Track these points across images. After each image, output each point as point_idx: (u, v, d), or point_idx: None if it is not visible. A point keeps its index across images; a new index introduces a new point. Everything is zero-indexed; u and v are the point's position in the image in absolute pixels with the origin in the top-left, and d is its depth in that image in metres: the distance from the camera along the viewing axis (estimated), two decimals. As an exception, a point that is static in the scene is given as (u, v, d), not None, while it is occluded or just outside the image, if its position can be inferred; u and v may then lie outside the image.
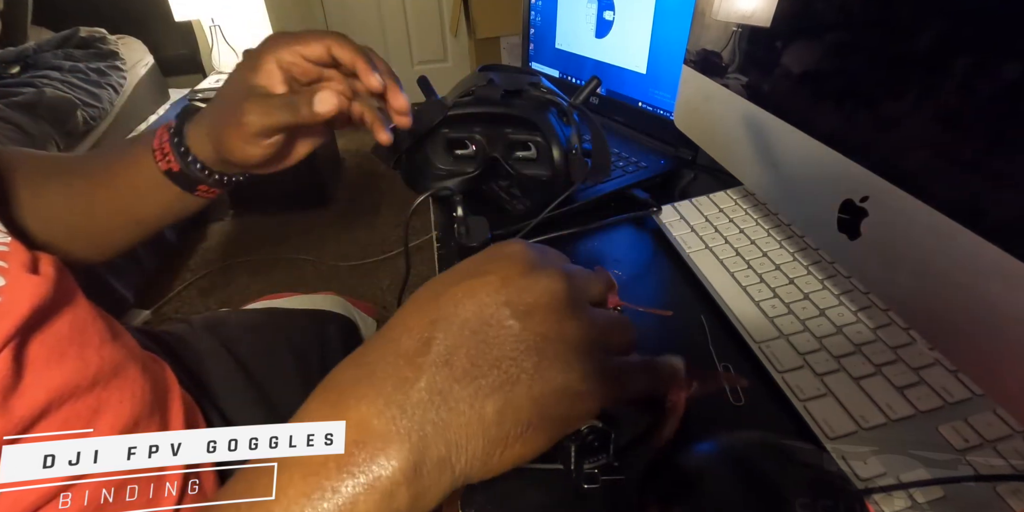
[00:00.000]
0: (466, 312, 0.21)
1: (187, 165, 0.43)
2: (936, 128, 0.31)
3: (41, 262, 0.34)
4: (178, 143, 0.43)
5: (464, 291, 0.22)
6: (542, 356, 0.21)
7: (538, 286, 0.22)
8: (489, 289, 0.21)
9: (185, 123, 0.43)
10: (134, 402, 0.36)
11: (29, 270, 0.33)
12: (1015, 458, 0.31)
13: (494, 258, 0.23)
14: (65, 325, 0.34)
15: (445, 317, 0.21)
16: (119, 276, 1.46)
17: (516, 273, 0.22)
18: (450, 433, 0.20)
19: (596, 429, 0.33)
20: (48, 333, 0.33)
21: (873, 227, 0.35)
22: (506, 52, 2.27)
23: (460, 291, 0.22)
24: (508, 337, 0.21)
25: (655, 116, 0.69)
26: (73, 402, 0.33)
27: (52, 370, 0.32)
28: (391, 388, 0.20)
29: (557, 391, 0.21)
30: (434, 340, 0.21)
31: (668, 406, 0.34)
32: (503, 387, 0.20)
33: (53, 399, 0.32)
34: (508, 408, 0.20)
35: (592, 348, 0.22)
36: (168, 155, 0.43)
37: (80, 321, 0.35)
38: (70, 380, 0.33)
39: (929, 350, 0.37)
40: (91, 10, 2.15)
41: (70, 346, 0.33)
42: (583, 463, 0.33)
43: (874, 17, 0.35)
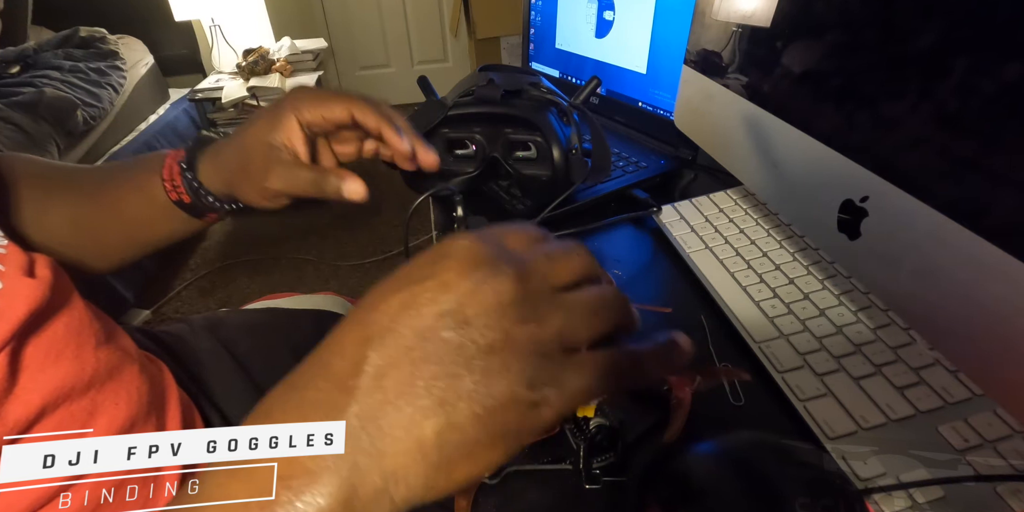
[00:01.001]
0: (401, 326, 0.19)
1: (199, 198, 0.44)
2: (936, 128, 0.31)
3: (37, 264, 0.34)
4: (191, 178, 0.43)
5: (400, 302, 0.20)
6: (485, 369, 0.19)
7: (482, 290, 0.19)
8: (426, 298, 0.19)
9: (196, 157, 0.43)
10: (130, 404, 0.36)
11: (25, 273, 0.33)
12: (1015, 458, 0.31)
13: (437, 259, 0.20)
14: (61, 327, 0.34)
15: (379, 334, 0.19)
16: (119, 276, 1.47)
17: (457, 276, 0.19)
18: (386, 462, 0.18)
19: (604, 427, 0.33)
20: (44, 336, 0.32)
21: (873, 227, 0.35)
22: (506, 52, 2.27)
23: (396, 302, 0.20)
24: (446, 352, 0.19)
25: (655, 116, 0.69)
26: (68, 405, 0.33)
27: (48, 373, 0.32)
28: (317, 416, 0.19)
29: (504, 405, 0.19)
30: (366, 360, 0.19)
31: (673, 403, 0.34)
32: (442, 408, 0.18)
33: (48, 402, 0.32)
34: (449, 430, 0.18)
35: (548, 350, 0.20)
36: (179, 187, 0.43)
37: (76, 323, 0.35)
38: (66, 383, 0.33)
39: (929, 350, 0.37)
40: (91, 10, 2.15)
41: (66, 348, 0.33)
42: (592, 462, 0.33)
43: (874, 17, 0.35)
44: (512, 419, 0.19)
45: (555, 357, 0.20)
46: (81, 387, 0.33)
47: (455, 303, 0.19)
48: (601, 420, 0.34)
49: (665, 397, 0.35)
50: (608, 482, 0.33)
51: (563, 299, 0.21)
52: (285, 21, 2.35)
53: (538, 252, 0.22)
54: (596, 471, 0.33)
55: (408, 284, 0.20)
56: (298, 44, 2.09)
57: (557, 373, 0.20)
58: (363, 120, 0.41)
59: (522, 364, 0.19)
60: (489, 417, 0.19)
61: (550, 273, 0.21)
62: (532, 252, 0.22)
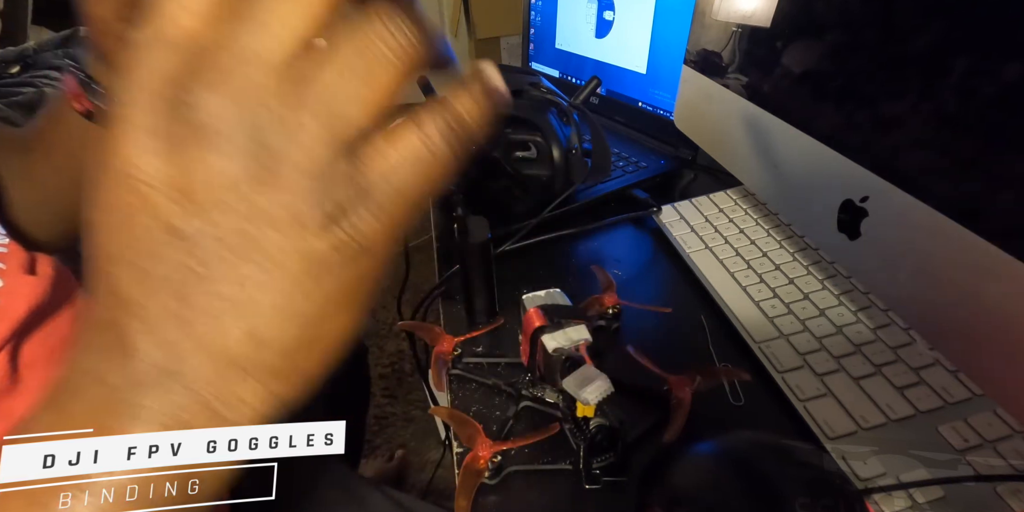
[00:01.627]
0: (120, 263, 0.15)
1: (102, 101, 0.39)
2: (936, 128, 0.31)
3: (39, 263, 0.34)
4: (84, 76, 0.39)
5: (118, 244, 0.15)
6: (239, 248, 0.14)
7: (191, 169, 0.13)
8: (141, 223, 0.14)
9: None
10: None
11: (27, 271, 0.33)
12: (1015, 458, 0.31)
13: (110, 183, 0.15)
14: (65, 325, 0.34)
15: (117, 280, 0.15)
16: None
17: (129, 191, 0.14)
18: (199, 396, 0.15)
19: (604, 427, 0.33)
20: (47, 333, 0.33)
21: (873, 227, 0.35)
22: (506, 52, 2.27)
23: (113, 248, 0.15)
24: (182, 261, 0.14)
25: (655, 116, 0.69)
26: None
27: (52, 370, 0.32)
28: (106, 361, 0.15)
29: (307, 260, 0.14)
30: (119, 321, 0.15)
31: (673, 403, 0.34)
32: (222, 320, 0.14)
33: None
34: (256, 335, 0.15)
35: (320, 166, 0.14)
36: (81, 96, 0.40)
37: None
38: None
39: (929, 350, 0.37)
40: (91, 10, 2.15)
41: None
42: (592, 462, 0.33)
43: (874, 17, 0.35)
44: (327, 276, 0.15)
45: (336, 168, 0.14)
46: None
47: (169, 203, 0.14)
48: (601, 420, 0.34)
49: (665, 397, 0.35)
50: (608, 482, 0.33)
51: (300, 91, 0.13)
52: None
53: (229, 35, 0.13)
54: (596, 471, 0.33)
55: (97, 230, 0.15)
56: (298, 44, 2.09)
57: (351, 189, 0.14)
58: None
59: (294, 200, 0.14)
60: (299, 284, 0.14)
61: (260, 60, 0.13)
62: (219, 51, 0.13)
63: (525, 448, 0.35)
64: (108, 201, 0.14)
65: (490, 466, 0.33)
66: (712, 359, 0.41)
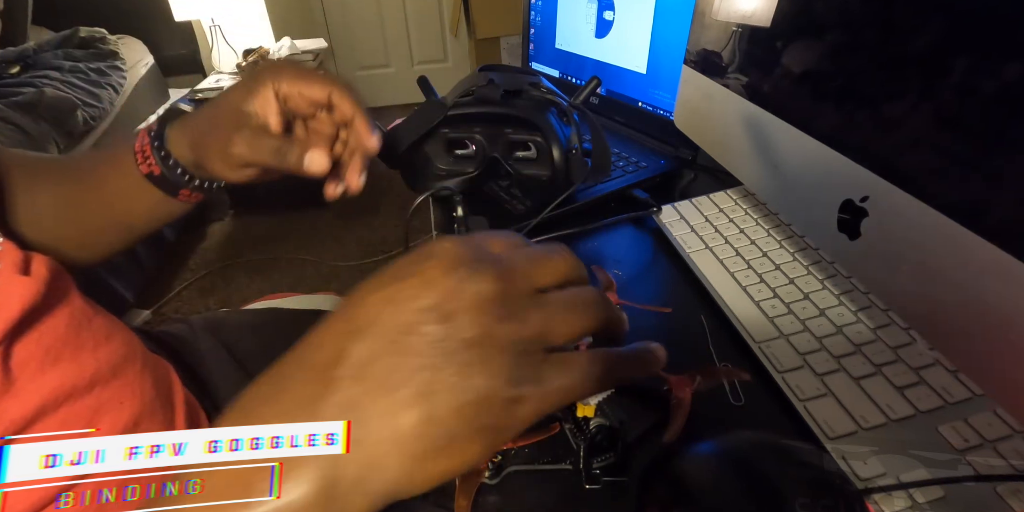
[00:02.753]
0: (384, 320, 0.19)
1: (168, 169, 0.43)
2: (936, 128, 0.31)
3: (34, 262, 0.34)
4: (159, 147, 0.42)
5: (383, 298, 0.20)
6: (465, 363, 0.19)
7: (465, 287, 0.20)
8: (409, 294, 0.20)
9: (167, 126, 0.43)
10: (135, 402, 0.36)
11: (20, 271, 0.32)
12: (1015, 458, 0.31)
13: (420, 259, 0.21)
14: (60, 325, 0.34)
15: (361, 327, 0.20)
16: (119, 276, 1.46)
17: (441, 274, 0.20)
18: (364, 452, 0.18)
19: (604, 427, 0.33)
20: (42, 333, 0.32)
21: (873, 227, 0.35)
22: (506, 52, 2.27)
23: (379, 298, 0.20)
24: (427, 345, 0.19)
25: (655, 116, 0.69)
26: (71, 403, 0.33)
27: (47, 371, 0.32)
28: (297, 406, 0.19)
29: (483, 399, 0.19)
30: (347, 352, 0.19)
31: (673, 403, 0.34)
32: (422, 399, 0.18)
33: (48, 400, 0.32)
34: (428, 422, 0.18)
35: (528, 348, 0.20)
36: (149, 158, 0.43)
37: (76, 321, 0.35)
38: (65, 381, 0.33)
39: (929, 350, 0.37)
40: (91, 10, 2.15)
41: (65, 347, 0.33)
42: (592, 462, 0.33)
43: (874, 17, 0.35)
44: (491, 414, 0.19)
45: (535, 355, 0.20)
46: (83, 386, 0.33)
47: (437, 299, 0.19)
48: (601, 420, 0.34)
49: (665, 397, 0.35)
50: (608, 482, 0.33)
51: (543, 299, 0.21)
52: (285, 21, 2.34)
53: (519, 254, 0.22)
54: (596, 471, 0.33)
55: (392, 281, 0.20)
56: (298, 44, 2.09)
57: (537, 371, 0.20)
58: (340, 105, 0.40)
59: (502, 360, 0.19)
60: (468, 410, 0.19)
61: (531, 273, 0.21)
62: (514, 254, 0.22)
63: (525, 448, 0.35)
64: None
65: (490, 466, 0.34)
66: (712, 359, 0.41)
